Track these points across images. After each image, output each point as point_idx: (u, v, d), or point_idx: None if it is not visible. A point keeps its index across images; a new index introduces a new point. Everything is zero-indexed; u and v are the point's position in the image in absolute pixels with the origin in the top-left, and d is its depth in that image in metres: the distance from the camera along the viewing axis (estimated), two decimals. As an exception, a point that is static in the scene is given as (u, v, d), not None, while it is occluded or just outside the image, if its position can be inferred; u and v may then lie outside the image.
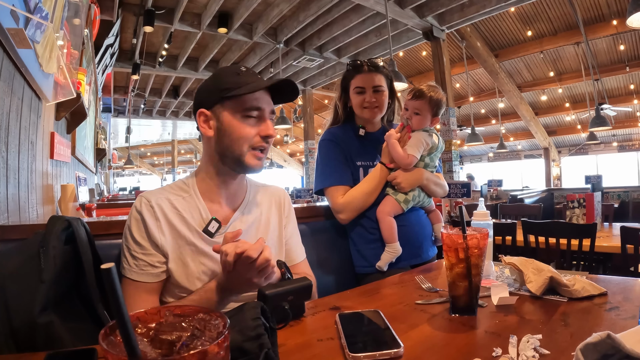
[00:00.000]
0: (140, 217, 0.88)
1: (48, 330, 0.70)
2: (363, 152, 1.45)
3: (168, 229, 0.88)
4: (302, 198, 5.23)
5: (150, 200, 0.89)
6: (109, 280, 0.32)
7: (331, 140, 1.45)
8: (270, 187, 1.10)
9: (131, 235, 0.87)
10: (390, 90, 1.47)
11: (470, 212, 1.32)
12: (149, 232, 0.86)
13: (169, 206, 0.90)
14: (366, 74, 1.40)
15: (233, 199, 0.98)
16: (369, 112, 1.41)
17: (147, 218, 0.87)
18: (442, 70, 5.55)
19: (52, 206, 2.32)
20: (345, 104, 1.49)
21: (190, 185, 0.95)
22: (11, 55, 1.31)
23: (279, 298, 0.74)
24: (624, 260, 1.97)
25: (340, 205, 1.38)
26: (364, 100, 1.40)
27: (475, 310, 0.76)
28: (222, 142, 0.91)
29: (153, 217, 0.88)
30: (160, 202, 0.90)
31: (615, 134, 12.09)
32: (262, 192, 1.05)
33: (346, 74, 1.47)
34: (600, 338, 0.45)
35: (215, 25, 5.62)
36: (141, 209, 0.88)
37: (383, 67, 1.44)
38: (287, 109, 9.95)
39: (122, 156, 13.25)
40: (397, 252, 1.34)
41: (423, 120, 1.39)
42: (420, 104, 1.37)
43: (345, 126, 1.50)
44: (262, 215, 1.01)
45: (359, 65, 1.43)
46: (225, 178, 0.95)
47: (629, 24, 2.63)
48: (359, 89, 1.41)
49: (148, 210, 0.88)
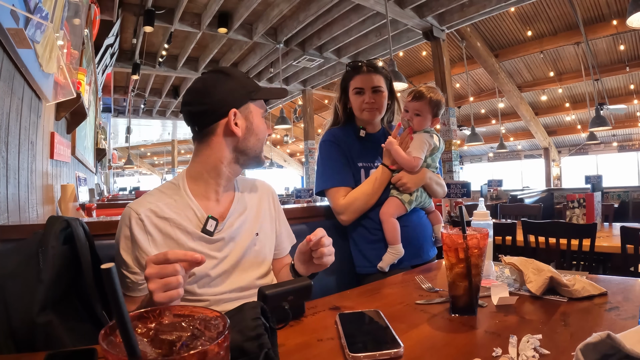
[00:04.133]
0: (130, 232, 0.85)
1: (47, 330, 0.70)
2: (364, 153, 1.44)
3: (162, 240, 0.86)
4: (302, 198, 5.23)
5: (140, 212, 0.85)
6: (109, 280, 0.32)
7: (332, 141, 1.44)
8: (256, 181, 1.10)
9: (118, 249, 0.87)
10: (390, 91, 1.47)
11: (470, 212, 1.32)
12: (139, 250, 0.84)
13: (160, 214, 0.87)
14: (365, 74, 1.40)
15: (226, 195, 0.98)
16: (368, 113, 1.40)
17: (137, 233, 0.84)
18: (442, 70, 5.54)
19: (52, 206, 2.32)
20: (345, 105, 1.48)
21: (181, 186, 0.92)
22: (11, 55, 1.30)
23: (279, 298, 0.74)
24: (624, 260, 1.97)
25: (342, 206, 1.38)
26: (363, 101, 1.39)
27: (475, 310, 0.76)
28: (248, 140, 0.93)
29: (143, 231, 0.85)
30: (150, 214, 0.86)
31: (615, 134, 12.09)
32: (249, 186, 1.06)
33: (345, 74, 1.46)
34: (600, 338, 0.45)
35: (215, 25, 5.62)
36: (130, 223, 0.85)
37: (382, 68, 1.44)
38: (287, 109, 9.96)
39: (122, 156, 13.25)
40: (399, 253, 1.34)
41: (424, 121, 1.39)
42: (420, 105, 1.38)
43: (345, 127, 1.49)
44: (253, 207, 1.02)
45: (357, 66, 1.42)
46: (230, 177, 0.95)
47: (629, 24, 2.63)
48: (357, 89, 1.40)
49: (137, 224, 0.85)
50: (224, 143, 0.91)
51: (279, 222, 1.09)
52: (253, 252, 0.97)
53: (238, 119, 0.91)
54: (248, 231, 0.97)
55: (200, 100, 0.90)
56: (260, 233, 1.00)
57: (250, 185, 1.07)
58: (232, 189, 1.00)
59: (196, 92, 0.91)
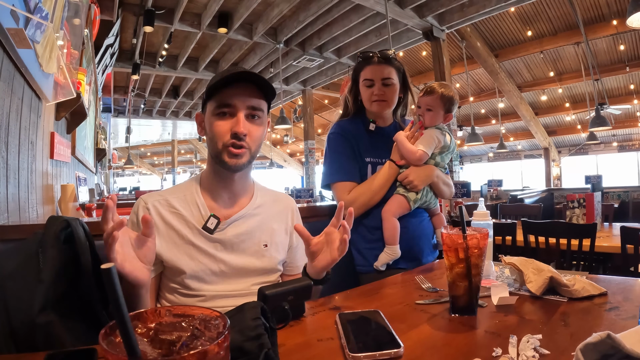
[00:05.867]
0: (137, 220, 0.89)
1: (47, 330, 0.70)
2: (373, 148, 1.41)
3: (165, 229, 0.90)
4: (302, 198, 5.23)
5: (147, 202, 0.92)
6: (109, 280, 0.32)
7: (340, 134, 1.41)
8: (280, 195, 1.10)
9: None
10: (403, 84, 1.42)
11: (470, 212, 1.32)
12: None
13: (167, 206, 0.92)
14: (376, 65, 1.36)
15: (236, 198, 0.98)
16: (377, 105, 1.37)
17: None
18: (442, 70, 5.55)
19: (52, 206, 2.32)
20: (355, 96, 1.44)
21: (194, 184, 0.97)
22: (11, 55, 1.31)
23: (279, 298, 0.74)
24: (624, 260, 1.97)
25: (347, 201, 1.34)
26: (372, 93, 1.36)
27: (475, 310, 0.76)
28: (208, 142, 0.94)
29: None
30: (157, 204, 0.92)
31: (615, 134, 12.09)
32: (271, 198, 1.05)
33: (356, 65, 1.42)
34: (600, 338, 0.44)
35: (215, 25, 5.62)
36: (137, 210, 0.91)
37: (394, 59, 1.38)
38: (287, 109, 9.95)
39: (122, 156, 13.25)
40: (395, 254, 1.32)
41: (435, 116, 1.36)
42: (431, 99, 1.35)
43: (355, 120, 1.45)
44: (266, 219, 1.00)
45: (368, 57, 1.38)
46: (223, 177, 0.95)
47: (629, 24, 2.63)
48: (367, 81, 1.36)
49: (144, 211, 0.90)
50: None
51: (295, 238, 1.06)
52: (259, 262, 0.96)
53: (202, 120, 0.95)
54: (255, 239, 0.96)
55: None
56: (270, 245, 0.98)
57: (271, 196, 1.06)
58: (249, 196, 1.00)
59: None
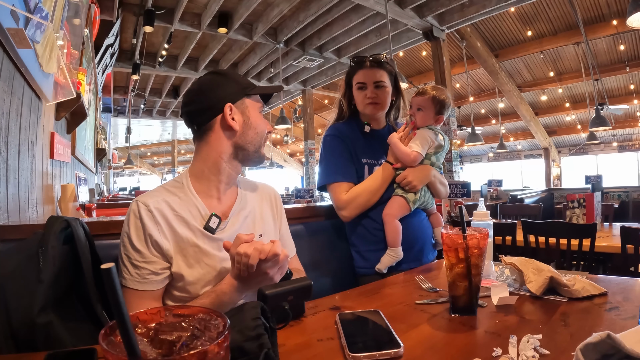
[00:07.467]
0: (141, 222, 0.85)
1: (47, 330, 0.70)
2: (369, 150, 1.43)
3: (170, 233, 0.86)
4: (302, 198, 5.23)
5: (149, 204, 0.86)
6: (109, 280, 0.32)
7: (336, 136, 1.43)
8: (259, 184, 1.11)
9: (130, 242, 0.84)
10: (395, 87, 1.45)
11: (470, 212, 1.32)
12: (151, 238, 0.84)
13: (168, 209, 0.88)
14: (368, 69, 1.39)
15: (228, 194, 0.98)
16: (371, 107, 1.39)
17: (148, 223, 0.84)
18: (442, 70, 5.54)
19: (52, 206, 2.32)
20: (349, 100, 1.47)
21: (185, 184, 0.93)
22: (11, 55, 1.30)
23: (279, 298, 0.74)
24: (624, 260, 1.97)
25: (344, 202, 1.36)
26: (365, 96, 1.38)
27: (475, 310, 0.76)
28: (246, 135, 0.94)
29: (153, 221, 0.85)
30: (159, 206, 0.87)
31: (615, 134, 12.09)
32: (252, 188, 1.06)
33: (349, 69, 1.45)
34: (600, 338, 0.45)
35: (215, 25, 5.62)
36: (140, 214, 0.85)
37: (386, 63, 1.41)
38: (287, 109, 9.96)
39: (122, 156, 13.24)
40: (398, 256, 1.33)
41: (426, 116, 1.38)
42: (422, 100, 1.38)
43: (350, 122, 1.47)
44: (255, 209, 1.02)
45: (361, 61, 1.41)
46: (231, 173, 0.96)
47: (629, 24, 2.63)
48: (360, 84, 1.39)
49: (147, 214, 0.85)
50: (223, 138, 0.93)
51: (280, 223, 1.08)
52: None
53: (235, 113, 0.93)
54: (248, 232, 0.96)
55: (197, 99, 0.94)
56: (264, 235, 0.99)
57: (252, 186, 1.07)
58: (235, 189, 1.01)
59: (193, 92, 0.95)
